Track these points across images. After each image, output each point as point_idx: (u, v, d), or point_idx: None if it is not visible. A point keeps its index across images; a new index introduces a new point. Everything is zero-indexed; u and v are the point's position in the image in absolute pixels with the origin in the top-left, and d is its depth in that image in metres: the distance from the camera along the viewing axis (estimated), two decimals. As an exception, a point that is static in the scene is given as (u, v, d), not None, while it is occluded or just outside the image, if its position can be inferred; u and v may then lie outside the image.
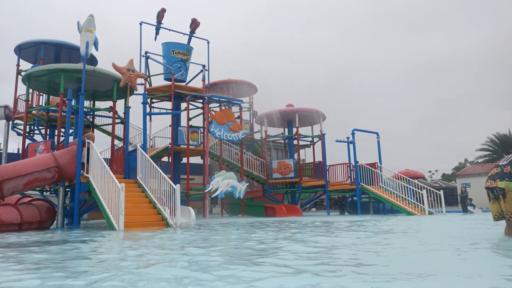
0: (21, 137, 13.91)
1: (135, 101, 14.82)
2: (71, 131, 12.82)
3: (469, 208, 18.42)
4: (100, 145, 18.36)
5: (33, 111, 13.96)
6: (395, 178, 17.03)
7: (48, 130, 14.60)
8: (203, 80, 18.66)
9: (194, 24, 19.13)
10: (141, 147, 11.36)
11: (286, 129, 21.65)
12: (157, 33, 18.54)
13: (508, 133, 39.30)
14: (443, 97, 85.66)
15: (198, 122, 19.11)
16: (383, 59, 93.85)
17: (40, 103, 15.74)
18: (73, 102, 11.69)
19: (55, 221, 10.41)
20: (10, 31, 70.17)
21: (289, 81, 76.77)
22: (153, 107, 19.20)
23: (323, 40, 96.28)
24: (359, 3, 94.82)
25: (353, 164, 17.62)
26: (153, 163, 10.41)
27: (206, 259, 3.60)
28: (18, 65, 15.95)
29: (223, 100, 17.15)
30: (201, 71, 18.96)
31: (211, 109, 17.06)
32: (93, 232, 7.81)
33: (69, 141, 11.30)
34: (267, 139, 20.19)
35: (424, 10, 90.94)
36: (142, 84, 15.91)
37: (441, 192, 15.67)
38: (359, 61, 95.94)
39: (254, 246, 4.65)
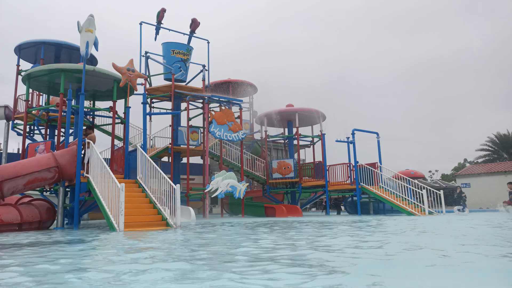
0: (21, 137, 13.91)
1: (135, 101, 14.82)
2: (71, 131, 12.82)
3: (455, 209, 16.71)
4: (100, 145, 18.38)
5: (33, 111, 13.95)
6: (395, 178, 17.01)
7: (48, 130, 14.59)
8: (203, 80, 18.67)
9: (194, 24, 19.14)
10: (141, 147, 11.35)
11: (286, 129, 21.64)
12: (157, 33, 18.55)
13: (508, 133, 39.28)
14: (443, 97, 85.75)
15: (198, 122, 19.14)
16: (383, 59, 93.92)
17: (40, 103, 15.72)
18: (73, 102, 11.68)
19: (55, 221, 10.41)
20: (9, 32, 70.17)
21: (289, 81, 76.83)
22: (153, 107, 19.21)
23: (323, 40, 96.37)
24: (359, 4, 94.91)
25: (353, 164, 17.61)
26: (153, 163, 10.40)
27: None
28: (18, 65, 15.93)
29: (223, 100, 17.14)
30: (201, 71, 18.97)
31: (211, 109, 17.06)
32: (93, 233, 7.80)
33: (69, 141, 11.30)
34: (267, 139, 20.18)
35: (424, 11, 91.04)
36: (142, 84, 15.90)
37: (441, 192, 15.66)
38: (359, 62, 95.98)
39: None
